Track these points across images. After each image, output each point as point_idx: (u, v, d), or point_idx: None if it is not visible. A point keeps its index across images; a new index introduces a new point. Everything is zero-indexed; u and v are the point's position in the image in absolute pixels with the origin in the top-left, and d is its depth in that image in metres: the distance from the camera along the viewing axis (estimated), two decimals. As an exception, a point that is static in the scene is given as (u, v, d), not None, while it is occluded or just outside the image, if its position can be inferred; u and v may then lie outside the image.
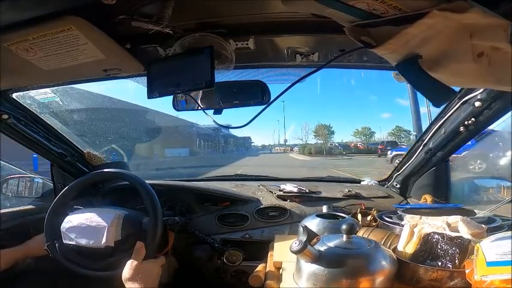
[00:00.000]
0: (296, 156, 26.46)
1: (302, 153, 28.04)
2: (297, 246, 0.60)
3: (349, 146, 28.55)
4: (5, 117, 1.03)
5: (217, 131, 23.06)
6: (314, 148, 27.82)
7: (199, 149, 21.67)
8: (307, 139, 33.12)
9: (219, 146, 27.30)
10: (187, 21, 0.71)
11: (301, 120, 59.96)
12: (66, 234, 0.92)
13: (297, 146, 33.37)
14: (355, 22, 0.49)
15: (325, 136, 31.63)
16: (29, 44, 0.63)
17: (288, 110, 42.09)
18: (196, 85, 0.71)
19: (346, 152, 25.84)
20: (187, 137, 18.97)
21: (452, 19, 0.41)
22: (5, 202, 1.32)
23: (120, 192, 1.21)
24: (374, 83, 38.72)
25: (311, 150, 26.82)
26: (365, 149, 25.39)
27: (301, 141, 32.94)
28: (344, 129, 49.33)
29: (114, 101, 5.69)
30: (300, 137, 33.77)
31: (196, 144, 21.64)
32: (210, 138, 24.68)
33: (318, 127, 33.24)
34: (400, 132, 29.88)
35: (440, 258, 0.63)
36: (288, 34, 0.76)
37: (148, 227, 0.92)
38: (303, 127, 33.96)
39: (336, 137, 34.38)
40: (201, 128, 20.81)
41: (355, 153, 24.68)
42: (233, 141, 30.78)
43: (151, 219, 0.92)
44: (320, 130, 32.57)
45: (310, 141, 32.71)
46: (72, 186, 1.03)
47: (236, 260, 1.11)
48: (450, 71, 0.47)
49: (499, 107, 0.88)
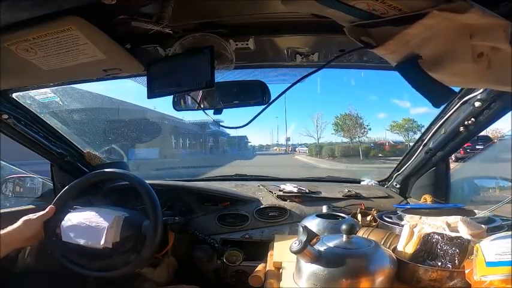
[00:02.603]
0: (308, 159, 18.61)
1: (315, 154, 19.86)
2: (296, 246, 0.60)
3: (383, 147, 18.92)
4: (5, 117, 1.03)
5: (204, 128, 18.96)
6: (340, 149, 18.39)
7: (175, 150, 16.96)
8: (320, 136, 22.43)
9: (205, 146, 22.29)
10: (187, 21, 0.71)
11: (306, 114, 46.92)
12: (66, 233, 0.92)
13: (304, 146, 24.71)
14: (355, 22, 0.49)
15: (353, 132, 19.84)
16: (29, 44, 0.63)
17: (291, 102, 33.04)
18: (196, 85, 0.71)
19: (384, 154, 17.03)
20: (158, 134, 13.53)
21: (452, 19, 0.41)
22: (4, 202, 1.32)
23: (120, 192, 1.21)
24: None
25: (334, 152, 18.11)
26: (403, 149, 15.11)
27: (313, 139, 22.87)
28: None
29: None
30: (309, 133, 23.13)
31: (172, 143, 16.73)
32: (194, 136, 20.14)
33: (341, 118, 20.66)
34: (410, 126, 19.48)
35: (440, 258, 0.63)
36: (288, 34, 0.76)
37: (148, 230, 0.93)
38: (315, 119, 22.72)
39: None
40: (179, 122, 16.31)
41: (398, 155, 12.52)
42: (227, 140, 25.52)
43: (152, 223, 0.92)
44: (345, 121, 20.43)
45: (324, 139, 22.60)
46: (72, 186, 1.03)
47: (236, 260, 1.11)
48: (450, 71, 0.47)
49: (499, 107, 0.88)
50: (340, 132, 20.61)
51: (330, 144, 20.52)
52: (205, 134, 21.09)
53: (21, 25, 0.58)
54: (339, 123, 20.87)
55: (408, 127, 19.76)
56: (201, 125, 18.73)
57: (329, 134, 29.59)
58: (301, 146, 25.58)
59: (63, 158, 1.28)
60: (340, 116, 21.09)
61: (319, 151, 19.91)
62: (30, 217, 0.95)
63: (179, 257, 1.18)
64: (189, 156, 17.85)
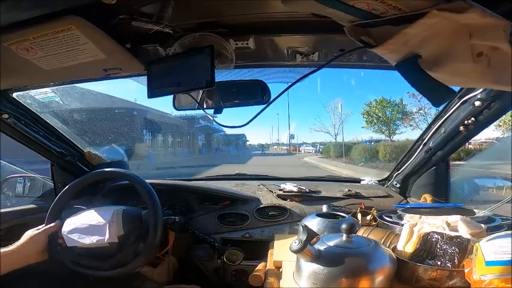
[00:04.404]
0: (329, 164, 11.60)
1: (335, 156, 13.71)
2: (297, 246, 0.60)
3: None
4: (5, 117, 1.03)
5: (191, 123, 16.06)
6: (389, 150, 10.96)
7: (145, 150, 13.16)
8: (338, 132, 16.30)
9: (192, 145, 18.36)
10: (187, 20, 0.71)
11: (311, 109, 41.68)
12: (69, 237, 0.92)
13: (313, 146, 20.21)
14: (355, 22, 0.49)
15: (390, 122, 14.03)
16: (29, 43, 0.63)
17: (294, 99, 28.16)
18: (196, 84, 0.72)
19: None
20: (128, 129, 10.50)
21: (451, 19, 0.41)
22: (5, 201, 1.32)
23: (120, 192, 1.22)
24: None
25: (377, 154, 11.41)
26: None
27: (330, 136, 16.93)
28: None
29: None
30: (323, 128, 17.25)
31: (144, 139, 13.30)
32: (179, 132, 16.52)
33: (376, 105, 14.42)
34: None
35: (440, 258, 0.63)
36: (288, 34, 0.76)
37: (149, 217, 0.93)
38: (333, 109, 16.92)
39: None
40: (157, 115, 13.38)
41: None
42: (222, 139, 21.91)
43: (150, 210, 0.93)
44: (383, 109, 14.27)
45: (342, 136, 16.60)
46: (73, 186, 1.03)
47: (236, 259, 1.11)
48: (449, 70, 0.47)
49: (499, 106, 0.89)
50: (376, 126, 13.93)
51: (371, 143, 13.06)
52: (194, 131, 17.67)
53: (21, 25, 0.58)
54: (372, 113, 14.12)
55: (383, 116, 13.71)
56: (189, 119, 15.93)
57: (352, 128, 20.84)
58: (307, 145, 21.55)
59: (64, 157, 1.28)
60: (373, 103, 14.19)
61: (343, 152, 13.41)
62: (34, 232, 0.92)
63: (179, 256, 1.18)
64: (170, 157, 13.76)
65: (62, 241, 0.93)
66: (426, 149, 1.17)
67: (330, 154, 14.43)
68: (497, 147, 1.57)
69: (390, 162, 10.04)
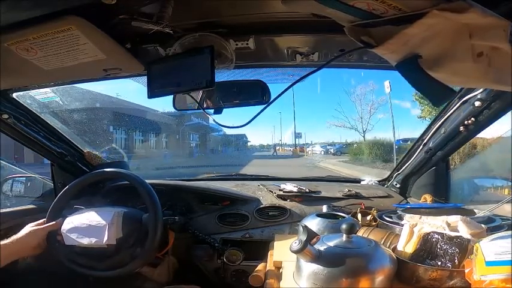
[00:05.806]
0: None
1: (364, 159, 10.29)
2: (297, 246, 0.60)
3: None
4: (5, 117, 1.03)
5: (180, 120, 13.69)
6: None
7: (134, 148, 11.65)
8: (367, 128, 13.70)
9: (183, 145, 15.68)
10: (187, 21, 0.71)
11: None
12: (68, 236, 0.92)
13: (322, 146, 16.50)
14: (355, 22, 0.49)
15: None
16: (29, 43, 0.63)
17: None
18: (196, 85, 0.72)
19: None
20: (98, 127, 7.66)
21: (451, 19, 0.41)
22: (5, 202, 1.32)
23: (120, 192, 1.22)
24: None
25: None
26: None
27: (359, 132, 14.18)
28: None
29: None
30: (346, 122, 14.64)
31: (114, 139, 10.95)
32: (167, 130, 14.10)
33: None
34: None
35: (440, 258, 0.63)
36: (288, 34, 0.76)
37: (149, 222, 0.93)
38: (359, 96, 14.16)
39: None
40: (139, 110, 11.27)
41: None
42: (221, 139, 19.36)
43: (151, 214, 0.93)
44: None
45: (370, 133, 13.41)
46: (73, 186, 1.03)
47: (236, 259, 1.11)
48: (450, 70, 0.47)
49: (499, 106, 0.88)
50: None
51: (407, 142, 8.99)
52: (184, 129, 14.85)
53: (21, 25, 0.58)
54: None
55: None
56: (179, 116, 13.38)
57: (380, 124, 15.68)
58: (323, 145, 16.70)
59: (64, 157, 1.28)
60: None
61: (394, 154, 8.87)
62: (35, 227, 0.94)
63: (179, 256, 1.18)
64: (152, 161, 11.25)
65: (61, 238, 0.94)
66: (426, 149, 1.17)
67: (363, 157, 10.45)
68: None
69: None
